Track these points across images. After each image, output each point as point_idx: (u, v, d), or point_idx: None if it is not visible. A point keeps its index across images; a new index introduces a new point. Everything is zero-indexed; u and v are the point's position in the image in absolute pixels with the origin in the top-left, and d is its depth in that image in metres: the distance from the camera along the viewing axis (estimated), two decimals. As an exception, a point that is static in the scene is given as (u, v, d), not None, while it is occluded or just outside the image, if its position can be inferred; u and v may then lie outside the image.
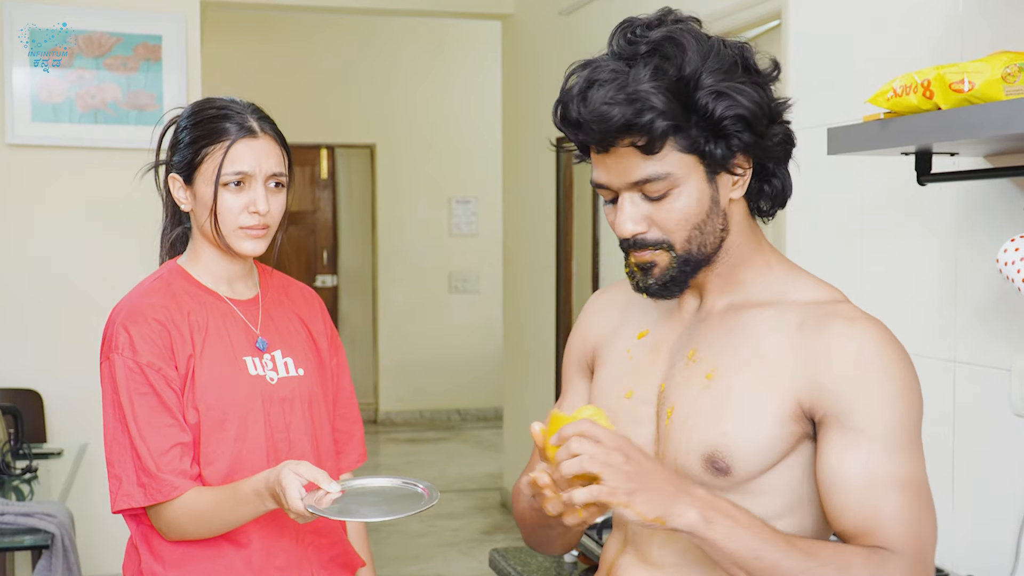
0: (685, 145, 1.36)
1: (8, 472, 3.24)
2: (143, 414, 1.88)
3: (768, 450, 1.37)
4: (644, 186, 1.38)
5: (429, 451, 7.78)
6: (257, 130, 1.94)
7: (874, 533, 1.31)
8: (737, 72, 1.37)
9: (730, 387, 1.40)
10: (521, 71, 5.64)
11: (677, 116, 1.34)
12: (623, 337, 1.56)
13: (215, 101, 1.98)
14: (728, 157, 1.38)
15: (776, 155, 1.42)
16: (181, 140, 1.96)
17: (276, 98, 8.23)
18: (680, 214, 1.39)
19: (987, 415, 2.08)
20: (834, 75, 2.58)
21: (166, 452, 1.87)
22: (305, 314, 2.10)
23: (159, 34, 4.45)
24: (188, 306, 1.95)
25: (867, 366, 1.33)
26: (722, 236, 1.43)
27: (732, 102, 1.35)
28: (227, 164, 1.90)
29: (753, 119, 1.36)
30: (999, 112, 1.64)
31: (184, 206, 1.97)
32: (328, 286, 8.87)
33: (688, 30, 1.38)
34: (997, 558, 2.04)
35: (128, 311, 1.93)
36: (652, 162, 1.37)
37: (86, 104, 4.40)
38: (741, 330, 1.42)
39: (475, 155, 8.50)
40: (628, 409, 1.50)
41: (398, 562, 5.37)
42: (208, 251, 1.99)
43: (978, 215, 2.10)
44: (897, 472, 1.31)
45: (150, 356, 1.89)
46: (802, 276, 1.47)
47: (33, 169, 4.44)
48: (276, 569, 1.95)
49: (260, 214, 1.92)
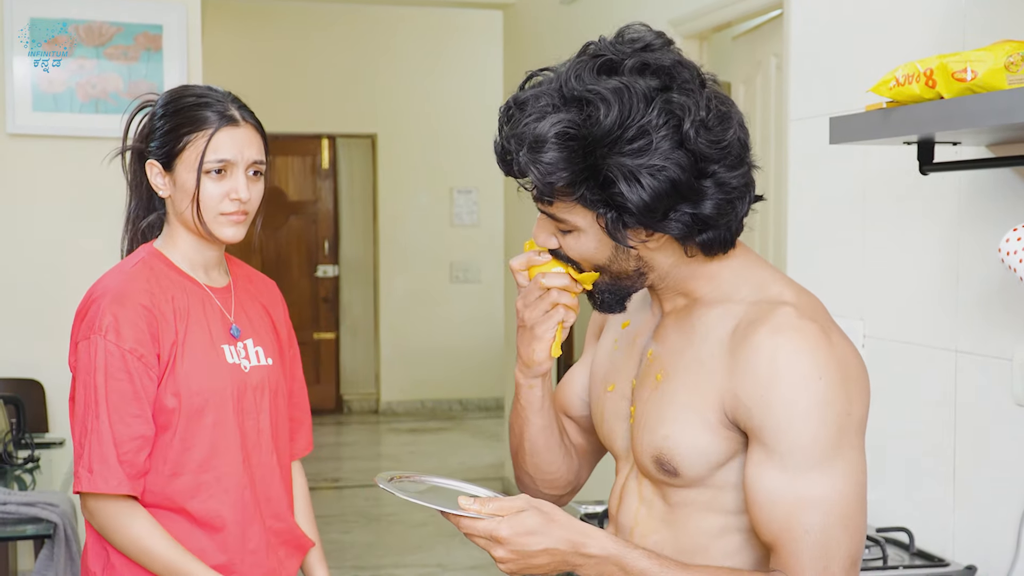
0: (580, 200, 1.33)
1: (10, 462, 3.24)
2: (115, 400, 1.89)
3: (708, 454, 1.37)
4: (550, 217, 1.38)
5: (430, 441, 7.78)
6: (239, 119, 1.98)
7: (779, 553, 1.32)
8: (650, 149, 1.28)
9: (673, 391, 1.39)
10: (522, 61, 5.63)
11: (574, 175, 1.30)
12: (615, 322, 1.57)
13: (193, 89, 2.02)
14: (619, 229, 1.33)
15: (695, 219, 1.33)
16: (159, 127, 1.98)
17: (277, 88, 8.23)
18: (580, 252, 1.39)
19: (988, 405, 2.08)
20: (836, 64, 2.58)
21: (127, 442, 1.89)
22: (269, 304, 2.14)
23: (160, 23, 4.44)
24: (171, 291, 1.96)
25: (778, 382, 1.30)
26: (641, 271, 1.40)
27: (630, 186, 1.28)
28: (210, 152, 1.93)
29: (654, 203, 1.29)
30: (1002, 101, 1.64)
31: (162, 192, 1.99)
32: (329, 276, 8.87)
33: (624, 86, 1.28)
34: (998, 548, 2.04)
35: (115, 294, 1.93)
36: (553, 205, 1.36)
37: (87, 94, 4.39)
38: (689, 331, 1.41)
39: (477, 145, 8.48)
40: (610, 403, 1.52)
41: (400, 552, 5.38)
42: (185, 237, 2.01)
43: (980, 205, 2.10)
44: (807, 492, 1.29)
45: (133, 342, 1.90)
46: (758, 272, 1.42)
47: (34, 159, 4.44)
48: (249, 552, 1.99)
49: (242, 201, 1.96)
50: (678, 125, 1.29)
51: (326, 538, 5.56)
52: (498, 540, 1.30)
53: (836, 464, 1.30)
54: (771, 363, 1.30)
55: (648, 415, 1.42)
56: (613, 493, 1.53)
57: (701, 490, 1.39)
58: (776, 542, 1.31)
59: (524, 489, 1.62)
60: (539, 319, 1.43)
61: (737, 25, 3.84)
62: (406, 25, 8.48)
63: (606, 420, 1.52)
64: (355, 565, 5.18)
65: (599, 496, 2.48)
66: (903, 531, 2.21)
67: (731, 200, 1.34)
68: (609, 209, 1.31)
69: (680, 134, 1.29)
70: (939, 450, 2.19)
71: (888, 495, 2.29)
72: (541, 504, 1.33)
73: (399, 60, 8.48)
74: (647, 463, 1.42)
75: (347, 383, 8.99)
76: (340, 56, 8.41)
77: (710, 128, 1.31)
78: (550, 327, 1.43)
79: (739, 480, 1.37)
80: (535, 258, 1.42)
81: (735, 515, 1.39)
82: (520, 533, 1.30)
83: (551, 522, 1.31)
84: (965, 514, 2.13)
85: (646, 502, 1.46)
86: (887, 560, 2.11)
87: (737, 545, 1.40)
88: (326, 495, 6.51)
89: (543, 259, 1.41)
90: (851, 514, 1.30)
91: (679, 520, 1.42)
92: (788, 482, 1.29)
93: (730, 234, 1.38)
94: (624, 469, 1.51)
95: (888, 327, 2.36)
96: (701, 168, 1.31)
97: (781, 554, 1.31)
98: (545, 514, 1.32)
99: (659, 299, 1.47)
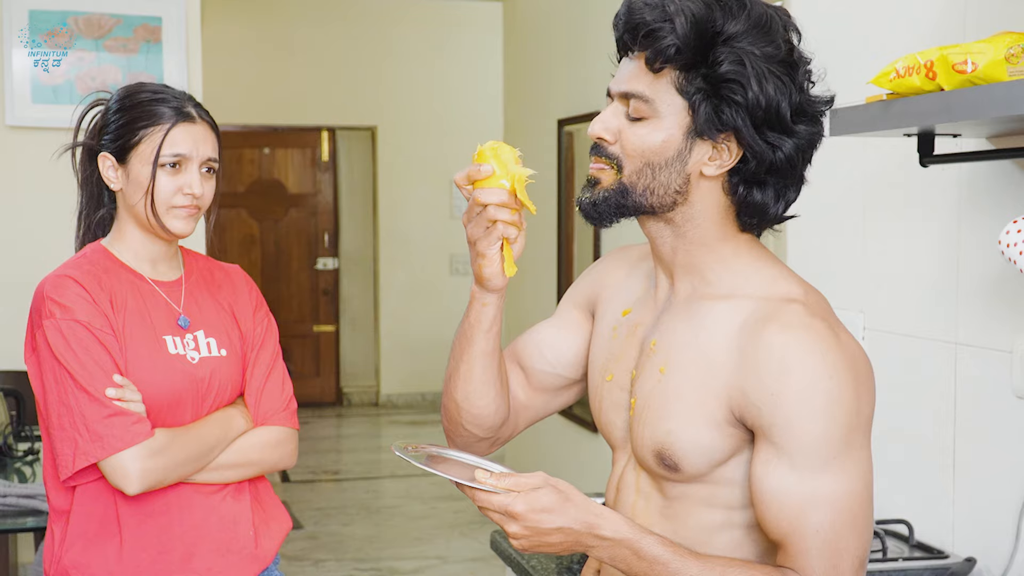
0: (682, 86, 1.33)
1: (10, 454, 3.24)
2: (92, 366, 1.89)
3: (710, 451, 1.36)
4: (630, 101, 1.36)
5: (431, 434, 7.78)
6: (195, 116, 2.02)
7: (789, 551, 1.31)
8: (776, 64, 1.32)
9: (677, 385, 1.38)
10: (523, 53, 5.62)
11: (690, 52, 1.31)
12: (613, 309, 1.55)
13: (149, 86, 2.05)
14: (712, 125, 1.33)
15: (766, 159, 1.34)
16: (113, 121, 2.00)
17: (277, 80, 8.23)
18: (641, 144, 1.36)
19: (988, 397, 2.08)
20: (836, 56, 2.57)
21: (115, 400, 1.90)
22: (230, 295, 2.14)
23: (159, 15, 4.43)
24: (109, 284, 1.98)
25: (787, 380, 1.29)
26: (676, 198, 1.38)
27: (745, 77, 1.30)
28: (166, 146, 1.97)
29: (754, 107, 1.31)
30: (1002, 93, 1.63)
31: (113, 185, 2.01)
32: (329, 269, 8.87)
33: (763, 8, 1.33)
34: (997, 540, 2.04)
35: (52, 283, 1.95)
36: (647, 81, 1.34)
37: (86, 86, 4.38)
38: (695, 324, 1.39)
39: (476, 137, 8.41)
40: (608, 393, 1.50)
41: (399, 544, 5.39)
42: (133, 232, 2.03)
43: (980, 197, 2.10)
44: (816, 491, 1.29)
45: (87, 316, 1.92)
46: (768, 268, 1.41)
47: (34, 151, 4.43)
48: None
49: (195, 196, 1.99)
50: (799, 64, 1.35)
51: (326, 530, 5.57)
52: (513, 515, 1.29)
53: (845, 463, 1.30)
54: (781, 361, 1.30)
55: (650, 408, 1.41)
56: (610, 485, 1.53)
57: (700, 485, 1.38)
58: (785, 540, 1.31)
59: (447, 420, 1.57)
60: (480, 235, 1.39)
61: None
62: (406, 18, 8.47)
63: (604, 410, 1.51)
64: (355, 557, 5.19)
65: (598, 488, 2.48)
66: (902, 523, 2.21)
67: (800, 161, 1.37)
68: (712, 98, 1.32)
69: (800, 71, 1.35)
70: (939, 442, 2.19)
71: (888, 487, 2.29)
72: (558, 483, 1.32)
73: (399, 52, 8.47)
74: (647, 456, 1.41)
75: (347, 376, 8.99)
76: (340, 48, 8.40)
77: (813, 88, 1.38)
78: (491, 243, 1.39)
79: (739, 477, 1.37)
80: (475, 172, 1.37)
81: (734, 511, 1.39)
82: (535, 510, 1.29)
83: (567, 501, 1.30)
84: (964, 506, 2.14)
85: (644, 495, 1.45)
86: (887, 552, 2.11)
87: (737, 540, 1.39)
88: (326, 487, 6.51)
89: (485, 172, 1.36)
90: (860, 513, 1.31)
91: (678, 514, 1.41)
92: (797, 481, 1.29)
93: (767, 215, 1.39)
94: (621, 460, 1.50)
95: (888, 319, 2.36)
96: (798, 113, 1.34)
97: (791, 552, 1.31)
98: (561, 493, 1.31)
99: (669, 277, 1.45)
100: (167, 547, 1.98)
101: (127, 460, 1.88)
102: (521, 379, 1.61)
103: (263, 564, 2.07)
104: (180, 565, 1.98)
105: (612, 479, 1.52)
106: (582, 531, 1.30)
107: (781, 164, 1.35)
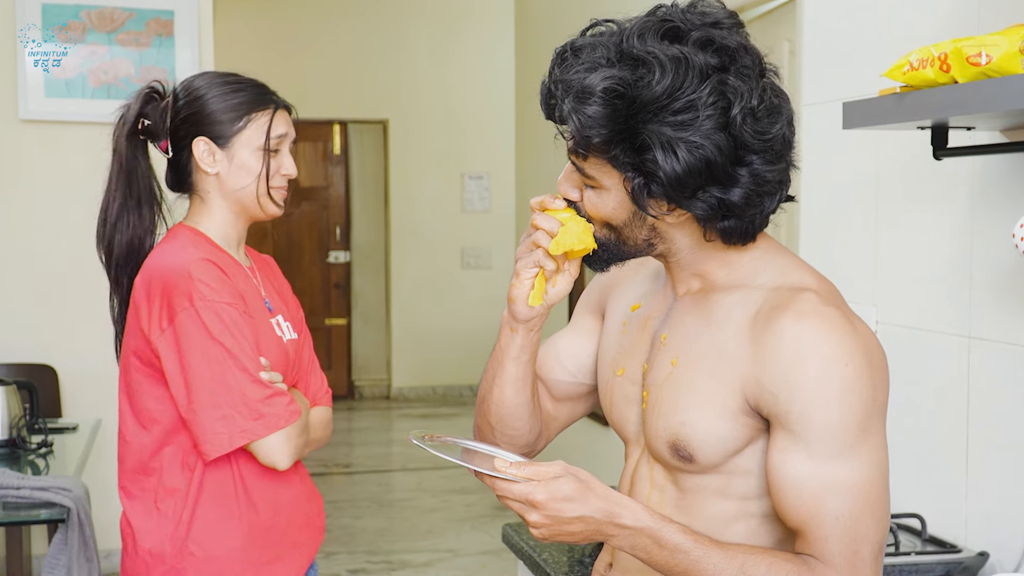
0: (613, 161, 1.32)
1: (24, 447, 3.26)
2: (248, 348, 1.93)
3: (725, 441, 1.36)
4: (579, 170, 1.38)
5: (442, 427, 7.80)
6: (282, 102, 2.10)
7: (808, 538, 1.31)
8: (699, 122, 1.26)
9: (690, 377, 1.38)
10: (534, 46, 5.61)
11: (606, 134, 1.29)
12: (623, 304, 1.56)
13: (233, 75, 2.08)
14: (645, 196, 1.32)
15: (717, 209, 1.32)
16: (205, 107, 2.02)
17: (288, 74, 8.23)
18: (596, 210, 1.38)
19: (1002, 391, 2.07)
20: (849, 49, 2.56)
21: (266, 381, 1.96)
22: (277, 283, 2.21)
23: (171, 9, 4.44)
24: (222, 264, 2.00)
25: (803, 367, 1.29)
26: (651, 242, 1.39)
27: (665, 155, 1.27)
28: (274, 129, 2.04)
29: (676, 179, 1.28)
30: (1017, 85, 1.63)
31: (210, 169, 2.03)
32: (341, 262, 8.88)
33: (684, 56, 1.27)
34: (1011, 534, 2.04)
35: (197, 266, 1.94)
36: (585, 159, 1.35)
37: (98, 80, 4.39)
38: (706, 316, 1.40)
39: (488, 131, 8.47)
40: (619, 387, 1.50)
41: (411, 537, 5.40)
42: (225, 216, 2.06)
43: (994, 190, 2.09)
44: (834, 478, 1.29)
45: (230, 297, 1.95)
46: (779, 258, 1.41)
47: (47, 144, 4.45)
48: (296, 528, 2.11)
49: (291, 177, 2.08)
50: (727, 108, 1.28)
51: (338, 523, 5.59)
52: (533, 504, 1.29)
53: (862, 450, 1.30)
54: (796, 349, 1.30)
55: (663, 400, 1.41)
56: (623, 478, 1.53)
57: (715, 476, 1.39)
58: (804, 528, 1.31)
59: (481, 438, 1.58)
60: (521, 254, 1.43)
61: (750, 10, 3.83)
62: (417, 11, 8.47)
63: (616, 405, 1.52)
64: (367, 550, 5.20)
65: (611, 482, 2.48)
66: (915, 517, 2.21)
67: (761, 194, 1.33)
68: (638, 175, 1.30)
69: (727, 117, 1.28)
70: (952, 436, 2.19)
71: (900, 481, 2.29)
72: (578, 472, 1.32)
73: (410, 46, 8.47)
74: (661, 448, 1.41)
75: (358, 369, 9.01)
76: (351, 42, 8.40)
77: (758, 118, 1.30)
78: (528, 264, 1.42)
79: (754, 466, 1.37)
80: (550, 201, 1.41)
81: (749, 500, 1.39)
82: (556, 499, 1.29)
83: (588, 490, 1.30)
84: (978, 500, 2.13)
85: (658, 487, 1.45)
86: (899, 546, 2.10)
87: (751, 530, 1.40)
88: (337, 480, 6.53)
89: (557, 204, 1.41)
90: (877, 499, 1.31)
91: (692, 506, 1.41)
92: (815, 468, 1.29)
93: (752, 227, 1.37)
94: (635, 454, 1.51)
95: (901, 313, 2.35)
96: (740, 156, 1.30)
97: (810, 539, 1.31)
98: (582, 482, 1.31)
99: (673, 279, 1.46)
100: (273, 523, 2.04)
101: (284, 438, 1.94)
102: (544, 391, 1.63)
103: (323, 537, 2.18)
104: (280, 538, 2.05)
105: (625, 473, 1.52)
106: (603, 520, 1.31)
107: (738, 204, 1.33)
